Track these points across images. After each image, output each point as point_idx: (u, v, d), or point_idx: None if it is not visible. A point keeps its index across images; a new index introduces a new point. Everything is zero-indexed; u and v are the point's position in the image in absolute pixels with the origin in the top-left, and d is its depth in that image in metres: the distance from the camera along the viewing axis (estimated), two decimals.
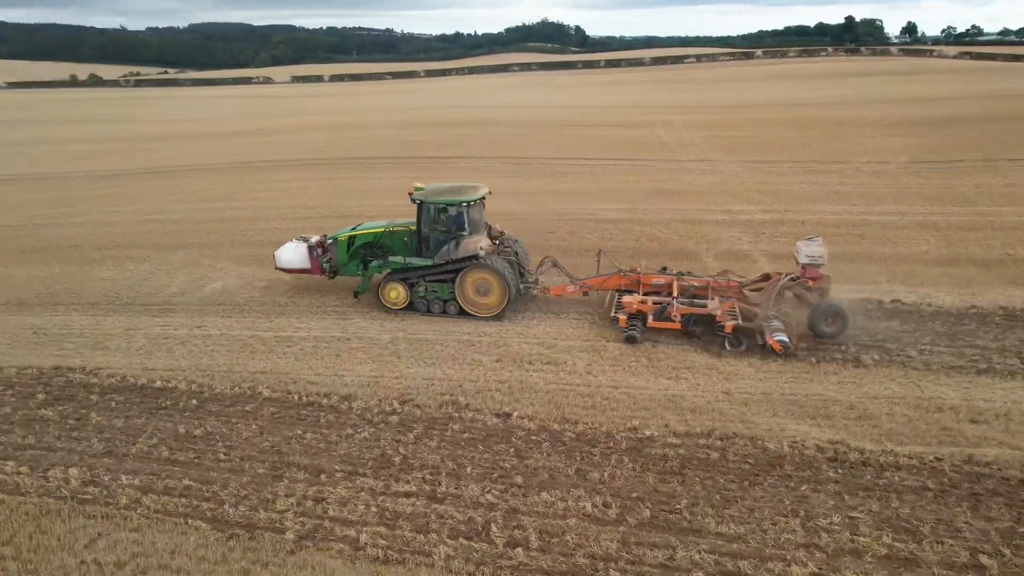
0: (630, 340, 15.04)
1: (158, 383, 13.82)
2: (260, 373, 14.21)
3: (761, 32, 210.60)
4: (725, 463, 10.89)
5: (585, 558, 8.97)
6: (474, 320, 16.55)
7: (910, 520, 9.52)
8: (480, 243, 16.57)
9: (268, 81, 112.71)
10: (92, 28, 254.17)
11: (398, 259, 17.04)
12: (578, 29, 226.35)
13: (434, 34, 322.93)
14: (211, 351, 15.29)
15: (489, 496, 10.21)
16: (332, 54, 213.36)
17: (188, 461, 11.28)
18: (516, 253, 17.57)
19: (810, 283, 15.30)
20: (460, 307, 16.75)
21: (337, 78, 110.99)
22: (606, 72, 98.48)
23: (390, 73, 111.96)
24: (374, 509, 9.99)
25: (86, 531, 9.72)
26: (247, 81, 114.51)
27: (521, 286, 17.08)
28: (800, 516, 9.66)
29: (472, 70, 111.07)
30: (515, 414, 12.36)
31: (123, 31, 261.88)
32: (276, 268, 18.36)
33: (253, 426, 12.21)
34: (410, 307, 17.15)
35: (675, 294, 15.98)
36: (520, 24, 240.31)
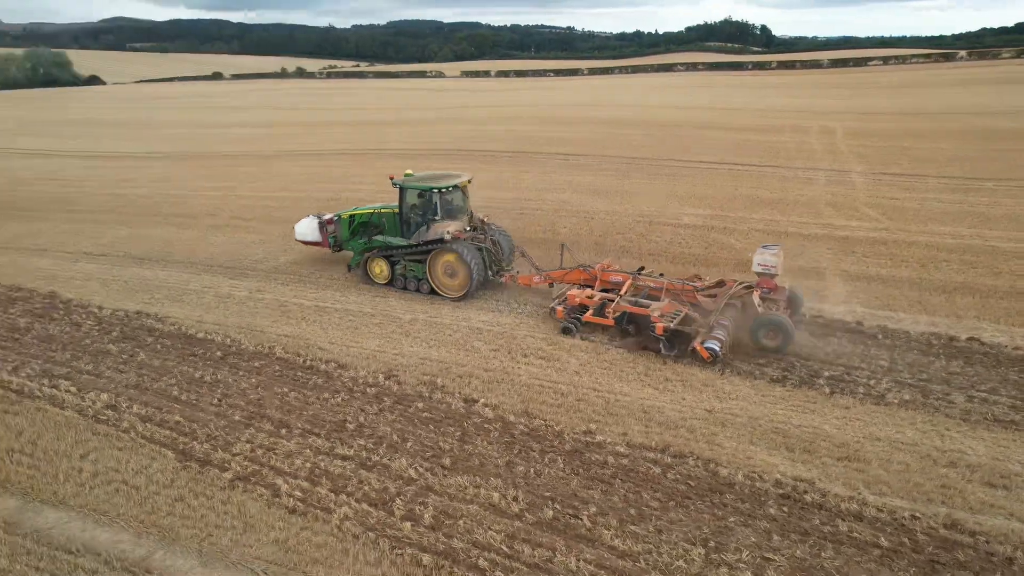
0: (565, 331, 15.31)
1: (200, 335, 15.83)
2: (284, 336, 15.72)
3: (984, 30, 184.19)
4: (662, 480, 10.36)
5: (465, 543, 9.11)
6: (493, 311, 16.88)
7: (831, 575, 8.51)
8: (449, 227, 17.41)
9: (440, 75, 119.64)
10: (304, 26, 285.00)
11: (379, 238, 18.44)
12: (763, 29, 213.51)
13: (613, 32, 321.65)
14: (255, 312, 17.14)
15: (412, 471, 10.64)
16: (510, 51, 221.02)
17: (187, 401, 12.93)
18: (494, 241, 18.12)
19: (755, 292, 14.54)
20: (431, 286, 17.78)
21: (502, 74, 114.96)
22: (776, 74, 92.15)
23: (553, 70, 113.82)
24: (308, 465, 10.84)
25: (87, 445, 11.60)
26: (422, 75, 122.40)
27: (489, 272, 17.71)
28: (709, 546, 9.01)
29: (635, 69, 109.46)
30: (481, 401, 12.60)
31: (330, 28, 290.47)
32: (295, 239, 20.59)
33: (253, 380, 13.64)
34: (391, 283, 18.50)
35: (623, 292, 15.59)
36: (702, 23, 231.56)
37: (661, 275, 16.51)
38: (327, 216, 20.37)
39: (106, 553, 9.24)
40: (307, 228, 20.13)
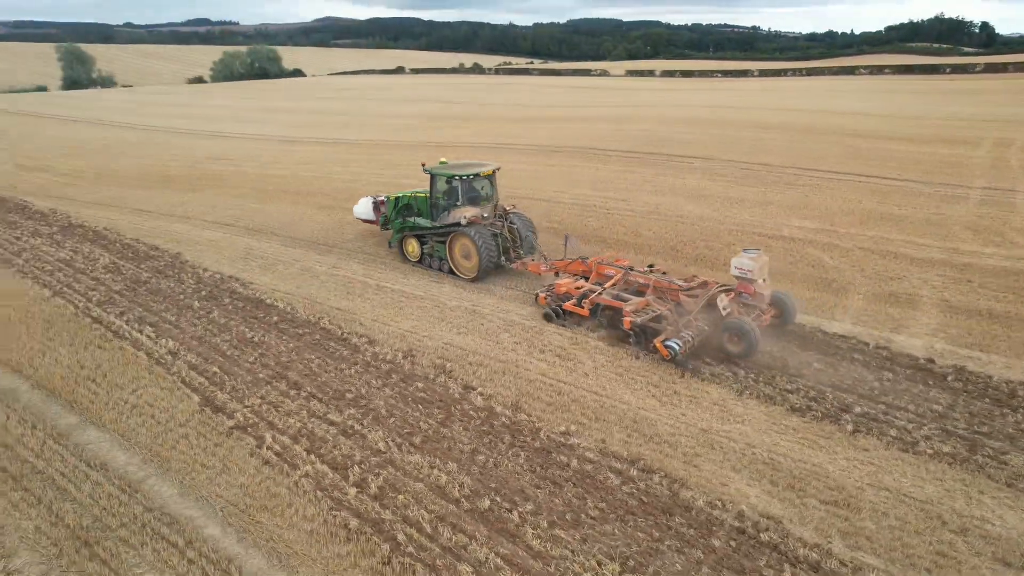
0: (546, 317, 15.93)
1: (269, 300, 17.63)
2: (336, 309, 17.03)
3: None
4: (615, 491, 10.03)
5: (395, 516, 9.55)
6: (534, 306, 16.93)
7: None
8: (467, 213, 18.50)
9: (604, 74, 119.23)
10: (487, 24, 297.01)
11: (412, 219, 19.87)
12: (984, 26, 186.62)
13: (803, 32, 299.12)
14: (324, 286, 18.66)
15: (382, 444, 11.22)
16: (686, 51, 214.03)
17: (230, 356, 14.56)
18: (511, 229, 18.97)
19: (724, 295, 14.32)
20: (450, 267, 19.00)
21: (668, 74, 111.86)
22: (979, 78, 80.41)
23: (721, 71, 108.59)
24: (298, 425, 11.84)
25: (140, 381, 13.56)
26: (586, 73, 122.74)
27: (503, 259, 18.62)
28: (627, 565, 8.66)
29: (811, 72, 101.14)
30: (478, 389, 12.89)
31: (510, 26, 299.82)
32: (353, 217, 22.87)
33: (291, 344, 15.01)
34: (420, 260, 20.06)
35: (608, 285, 15.89)
36: (906, 21, 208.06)
37: (664, 273, 16.28)
38: (380, 197, 22.32)
39: (115, 472, 10.85)
40: (363, 207, 22.32)
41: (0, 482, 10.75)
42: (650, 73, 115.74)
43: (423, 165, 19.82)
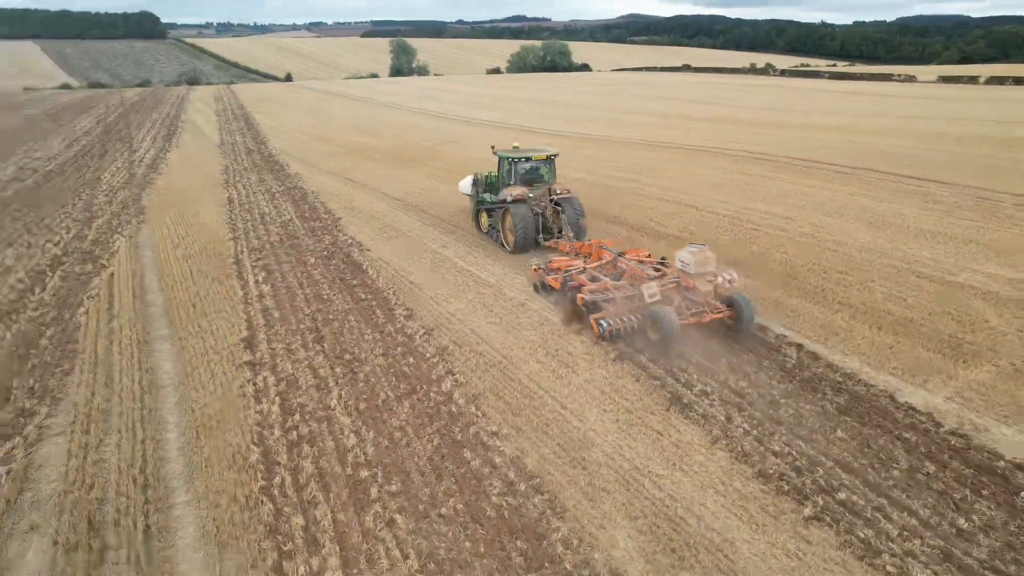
0: (534, 288, 17.25)
1: (365, 266, 19.72)
2: (409, 282, 18.40)
3: None
4: (485, 498, 9.70)
5: (287, 462, 10.55)
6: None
7: None
8: (514, 191, 20.34)
9: (910, 79, 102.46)
10: (795, 22, 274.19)
11: (483, 196, 22.11)
12: None
13: None
14: (417, 262, 20.05)
15: (334, 401, 12.28)
16: None
17: (296, 306, 16.91)
18: (554, 210, 20.28)
19: (648, 283, 14.42)
20: (501, 239, 20.93)
21: (995, 80, 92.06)
22: None
23: None
24: (290, 371, 13.47)
25: (222, 313, 16.48)
26: (886, 78, 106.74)
27: (540, 237, 20.31)
28: (430, 568, 8.47)
29: None
30: (456, 376, 13.16)
31: (821, 25, 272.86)
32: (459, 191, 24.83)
33: (348, 306, 16.78)
34: (488, 232, 22.08)
35: (591, 266, 16.72)
36: None
37: (663, 259, 16.61)
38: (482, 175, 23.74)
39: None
40: (466, 184, 24.18)
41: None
42: (971, 80, 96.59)
43: (492, 148, 22.07)
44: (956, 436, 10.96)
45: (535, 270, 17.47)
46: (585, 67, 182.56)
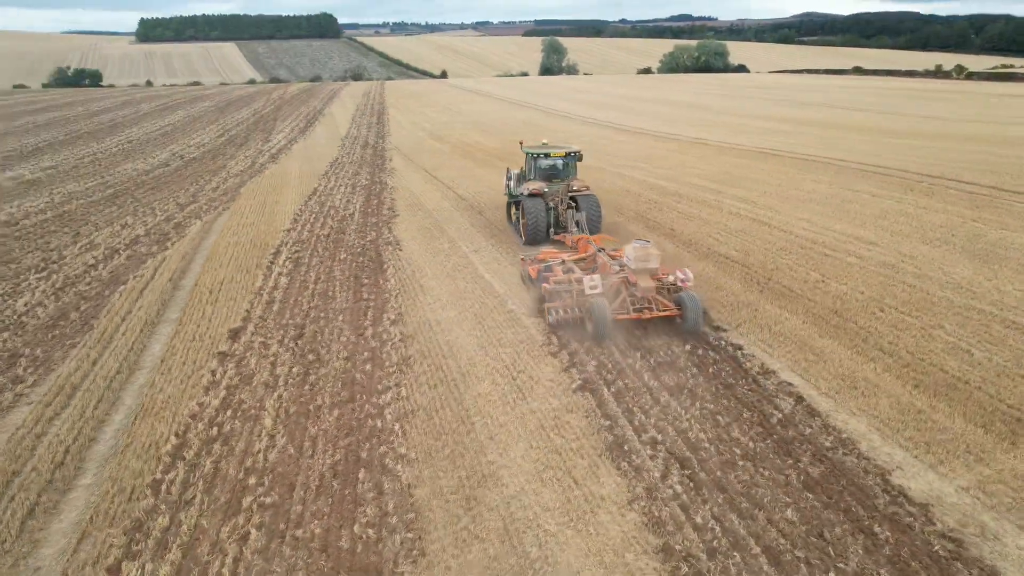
0: (521, 278, 17.55)
1: (387, 262, 19.64)
2: (423, 292, 18.04)
3: None
4: (354, 543, 9.07)
5: (219, 406, 10.57)
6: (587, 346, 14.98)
7: None
8: (530, 186, 20.77)
9: None
10: (1002, 16, 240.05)
11: (511, 189, 22.60)
12: None
13: None
14: (451, 268, 19.60)
15: (281, 370, 12.21)
16: None
17: (328, 282, 17.11)
18: (571, 207, 20.81)
19: (587, 276, 14.86)
20: (519, 229, 21.35)
21: None
22: None
23: None
24: (267, 378, 13.60)
25: (255, 275, 17.16)
26: None
27: (551, 230, 20.79)
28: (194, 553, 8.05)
29: None
30: (402, 387, 12.65)
31: None
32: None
33: (363, 295, 16.82)
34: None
35: (569, 259, 16.90)
36: None
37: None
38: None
39: None
40: (509, 176, 23.83)
41: None
42: None
43: (521, 143, 23.04)
44: (946, 539, 8.63)
45: (522, 261, 17.68)
46: (742, 68, 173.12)
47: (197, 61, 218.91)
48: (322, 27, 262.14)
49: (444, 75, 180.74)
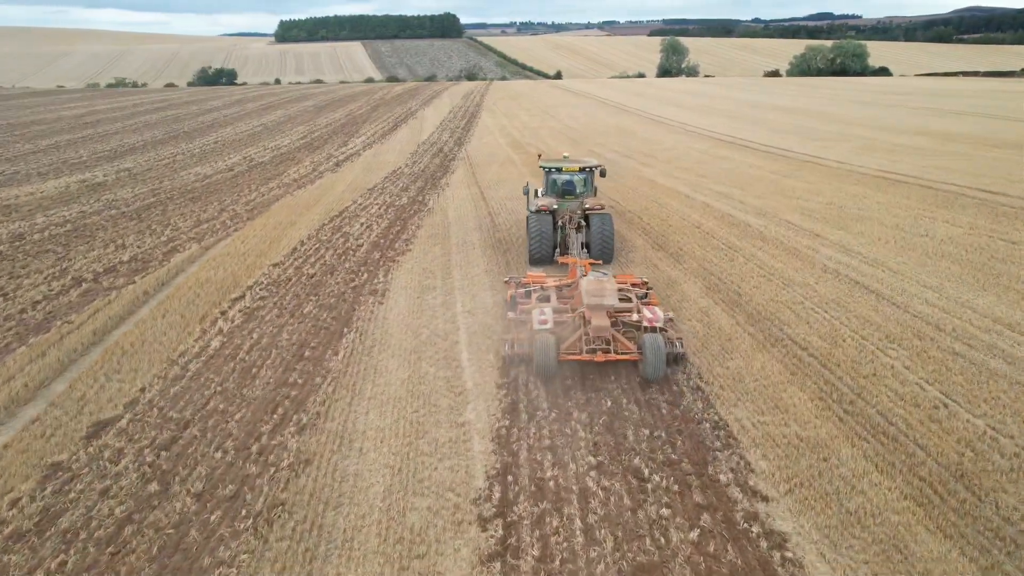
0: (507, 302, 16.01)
1: (364, 310, 15.66)
2: (382, 336, 13.88)
3: None
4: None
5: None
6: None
7: None
8: (540, 201, 19.43)
9: None
10: None
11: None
12: None
13: None
14: (427, 308, 15.52)
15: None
16: None
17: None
18: (581, 226, 18.94)
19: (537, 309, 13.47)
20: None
21: None
22: None
23: None
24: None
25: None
26: None
27: (556, 250, 19.04)
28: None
29: None
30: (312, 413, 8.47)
31: None
32: None
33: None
34: None
35: (547, 284, 15.76)
36: None
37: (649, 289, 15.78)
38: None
39: None
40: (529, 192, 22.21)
41: None
42: None
43: (539, 156, 22.00)
44: None
45: (506, 282, 16.80)
46: (883, 71, 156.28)
47: (324, 60, 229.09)
48: (444, 27, 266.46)
49: (559, 76, 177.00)
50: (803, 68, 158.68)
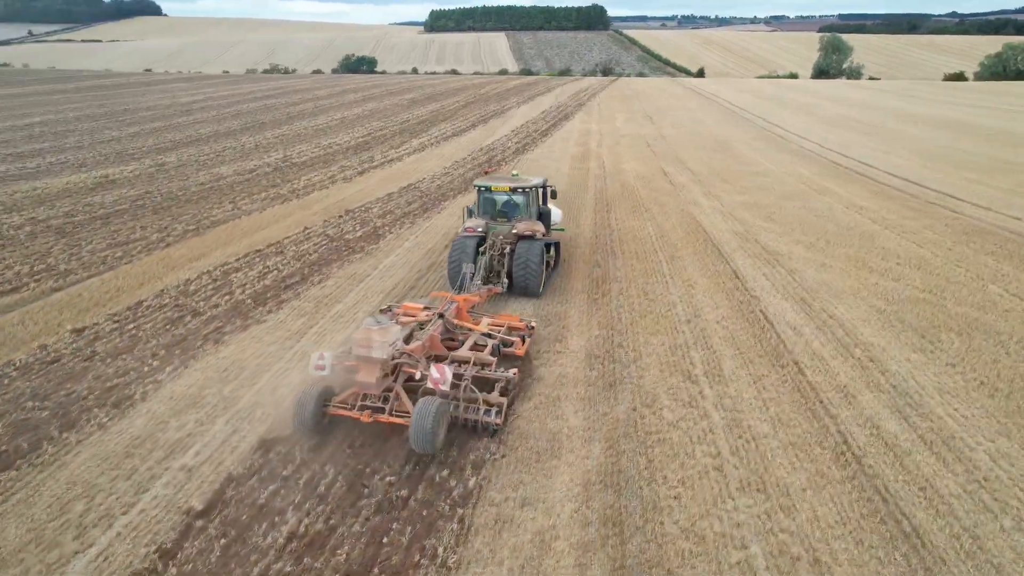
0: None
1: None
2: None
3: None
4: None
5: None
6: None
7: None
8: (466, 224, 17.90)
9: None
10: None
11: None
12: None
13: None
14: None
15: None
16: None
17: None
18: (506, 252, 17.19)
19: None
20: None
21: None
22: None
23: None
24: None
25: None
26: None
27: (475, 275, 16.43)
28: None
29: None
30: None
31: None
32: None
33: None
34: None
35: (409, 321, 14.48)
36: None
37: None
38: None
39: None
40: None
41: None
42: None
43: (514, 174, 19.81)
44: None
45: (382, 311, 15.20)
46: None
47: (467, 50, 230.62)
48: (591, 19, 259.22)
49: (701, 73, 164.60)
50: (997, 70, 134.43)
